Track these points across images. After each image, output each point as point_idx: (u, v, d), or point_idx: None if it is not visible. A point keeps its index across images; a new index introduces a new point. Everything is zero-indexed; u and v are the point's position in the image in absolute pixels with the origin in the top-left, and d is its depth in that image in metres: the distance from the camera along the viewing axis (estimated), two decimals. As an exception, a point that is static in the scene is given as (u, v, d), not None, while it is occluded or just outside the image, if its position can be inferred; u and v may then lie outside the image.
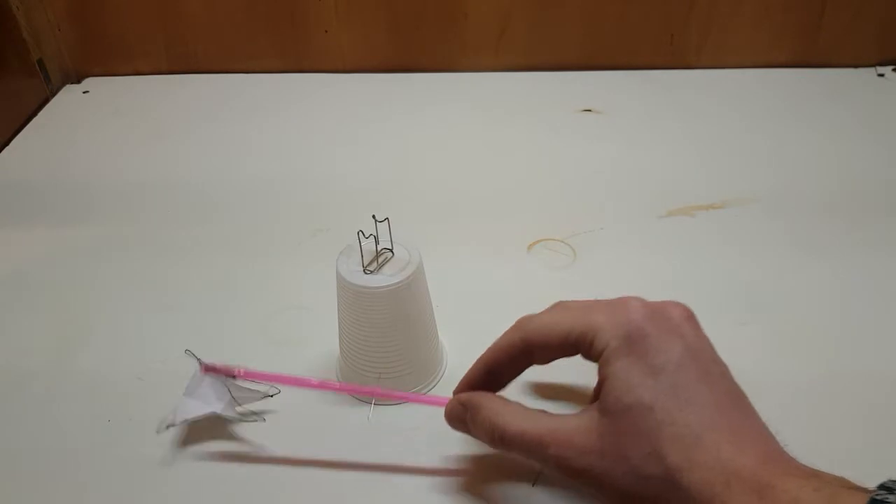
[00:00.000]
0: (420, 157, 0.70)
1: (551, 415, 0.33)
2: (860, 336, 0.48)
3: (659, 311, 0.32)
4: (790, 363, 0.46)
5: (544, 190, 0.65)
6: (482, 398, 0.35)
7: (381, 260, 0.41)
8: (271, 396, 0.42)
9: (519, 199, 0.63)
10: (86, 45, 0.84)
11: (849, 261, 0.55)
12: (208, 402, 0.40)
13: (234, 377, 0.40)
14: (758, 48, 0.80)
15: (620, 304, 0.32)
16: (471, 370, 0.37)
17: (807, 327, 0.49)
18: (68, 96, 0.83)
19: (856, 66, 0.81)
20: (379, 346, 0.42)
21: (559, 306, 0.35)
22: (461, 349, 0.48)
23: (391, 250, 0.41)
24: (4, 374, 0.48)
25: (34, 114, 0.79)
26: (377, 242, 0.41)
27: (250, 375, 0.40)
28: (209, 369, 0.40)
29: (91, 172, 0.70)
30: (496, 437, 0.33)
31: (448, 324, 0.47)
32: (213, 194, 0.65)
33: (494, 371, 0.36)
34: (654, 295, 0.51)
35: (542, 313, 0.35)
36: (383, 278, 0.40)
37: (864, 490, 0.26)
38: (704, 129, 0.72)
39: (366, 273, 0.40)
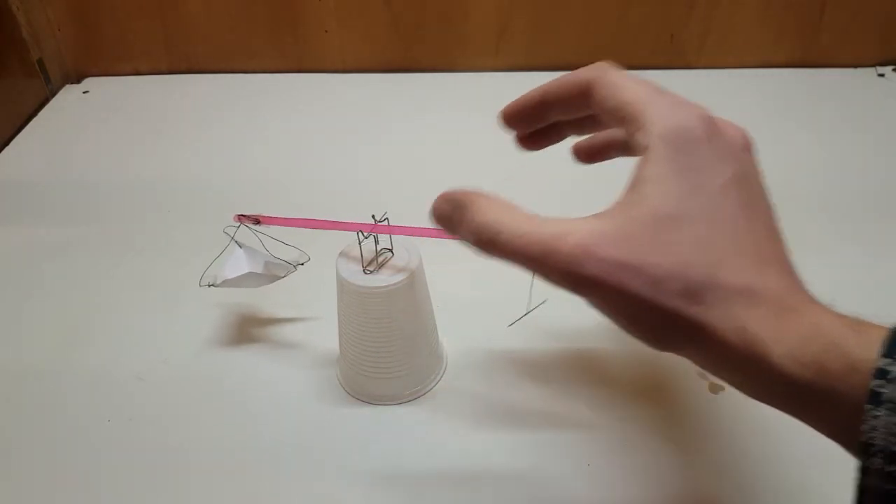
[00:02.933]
0: (420, 156, 0.70)
1: (557, 219, 0.29)
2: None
3: (720, 130, 0.29)
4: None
5: (544, 190, 0.65)
6: (474, 195, 0.32)
7: (380, 260, 0.41)
8: (302, 265, 0.45)
9: (519, 199, 0.63)
10: (86, 45, 0.84)
11: (848, 261, 0.55)
12: (243, 265, 0.44)
13: (258, 223, 0.43)
14: (758, 48, 0.80)
15: (684, 106, 0.29)
16: (525, 94, 0.34)
17: (807, 327, 0.49)
18: (68, 96, 0.83)
19: (856, 66, 0.81)
20: (379, 346, 0.42)
21: (640, 79, 0.32)
22: (461, 350, 0.48)
23: (391, 250, 0.41)
24: (4, 374, 0.48)
25: (34, 114, 0.79)
26: (377, 242, 0.41)
27: (271, 221, 0.43)
28: (241, 218, 0.43)
29: (91, 172, 0.70)
30: (485, 238, 0.30)
31: (448, 325, 0.47)
32: (213, 194, 0.65)
33: (549, 100, 0.34)
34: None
35: (624, 73, 0.32)
36: (383, 278, 0.40)
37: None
38: (704, 129, 0.72)
39: (365, 273, 0.40)
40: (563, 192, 0.64)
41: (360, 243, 0.40)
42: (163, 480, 0.41)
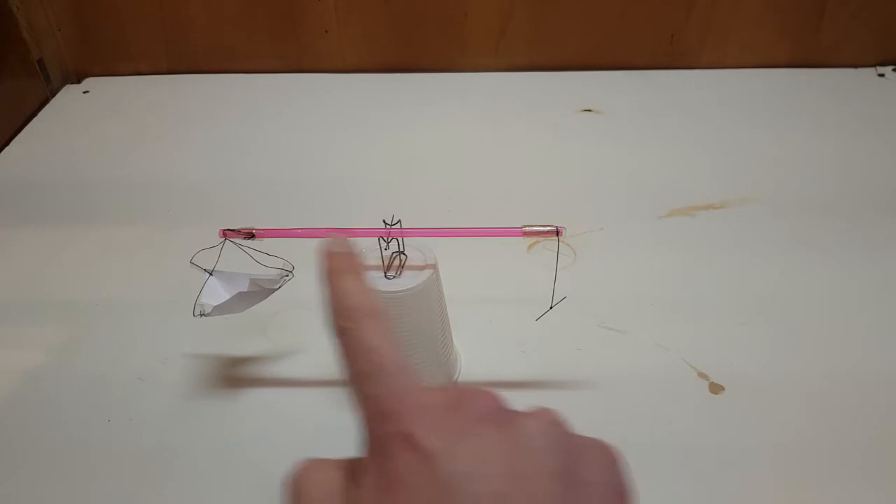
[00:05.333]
0: (419, 157, 0.70)
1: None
2: (860, 335, 0.48)
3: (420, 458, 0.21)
4: (790, 363, 0.46)
5: (544, 190, 0.65)
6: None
7: (397, 263, 0.41)
8: (289, 272, 0.42)
9: (519, 199, 0.63)
10: (86, 45, 0.84)
11: (848, 260, 0.55)
12: (220, 293, 0.41)
13: (252, 236, 0.40)
14: (758, 48, 0.80)
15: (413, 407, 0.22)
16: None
17: (807, 327, 0.49)
18: (68, 96, 0.83)
19: (856, 66, 0.81)
20: (404, 350, 0.41)
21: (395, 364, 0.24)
22: (465, 349, 0.48)
23: (403, 252, 0.41)
24: (5, 374, 0.48)
25: (34, 114, 0.79)
26: (398, 247, 0.40)
27: (269, 233, 0.40)
28: (228, 233, 0.40)
29: (91, 172, 0.70)
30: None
31: (460, 326, 0.47)
32: (212, 194, 0.65)
33: None
34: (653, 295, 0.52)
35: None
36: (406, 281, 0.39)
37: None
38: (704, 129, 0.72)
39: (388, 278, 0.40)
40: (562, 191, 0.64)
41: (381, 250, 0.40)
42: (163, 480, 0.41)
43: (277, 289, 0.44)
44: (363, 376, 0.24)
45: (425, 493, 0.20)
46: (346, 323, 0.25)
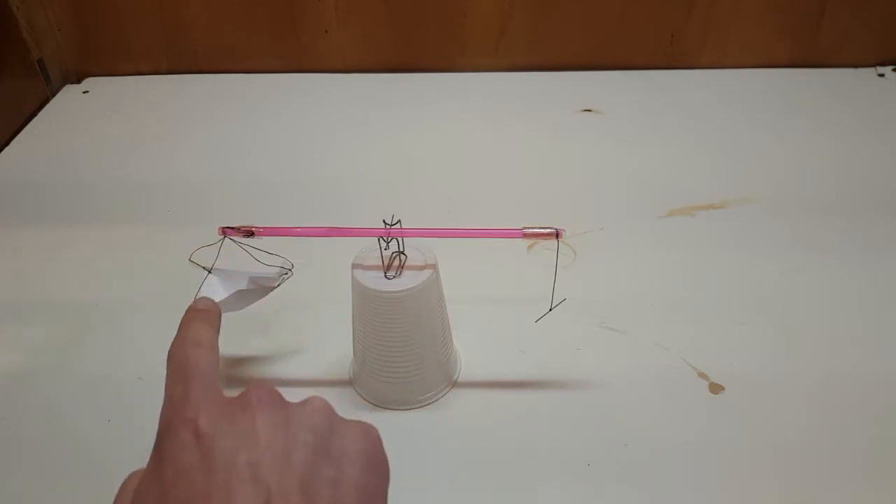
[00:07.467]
0: (419, 157, 0.70)
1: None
2: (860, 335, 0.48)
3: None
4: (790, 363, 0.46)
5: (544, 190, 0.65)
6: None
7: (397, 263, 0.41)
8: (288, 270, 0.43)
9: (519, 199, 0.63)
10: (86, 45, 0.84)
11: (848, 260, 0.55)
12: (219, 290, 0.41)
13: (251, 235, 0.41)
14: (758, 48, 0.80)
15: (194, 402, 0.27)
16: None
17: (807, 327, 0.49)
18: (68, 96, 0.83)
19: (856, 66, 0.81)
20: (404, 350, 0.41)
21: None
22: (465, 349, 0.48)
23: (403, 252, 0.41)
24: (5, 374, 0.48)
25: (34, 114, 0.79)
26: (398, 247, 0.40)
27: (268, 232, 0.40)
28: (227, 231, 0.41)
29: (91, 172, 0.70)
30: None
31: (460, 326, 0.47)
32: (212, 194, 0.65)
33: None
34: (653, 295, 0.52)
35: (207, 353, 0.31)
36: (406, 281, 0.39)
37: None
38: (704, 129, 0.72)
39: (388, 278, 0.40)
40: (562, 191, 0.64)
41: (381, 251, 0.40)
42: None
43: (276, 287, 0.44)
44: (171, 382, 0.29)
45: (192, 468, 0.24)
46: (171, 348, 0.32)
